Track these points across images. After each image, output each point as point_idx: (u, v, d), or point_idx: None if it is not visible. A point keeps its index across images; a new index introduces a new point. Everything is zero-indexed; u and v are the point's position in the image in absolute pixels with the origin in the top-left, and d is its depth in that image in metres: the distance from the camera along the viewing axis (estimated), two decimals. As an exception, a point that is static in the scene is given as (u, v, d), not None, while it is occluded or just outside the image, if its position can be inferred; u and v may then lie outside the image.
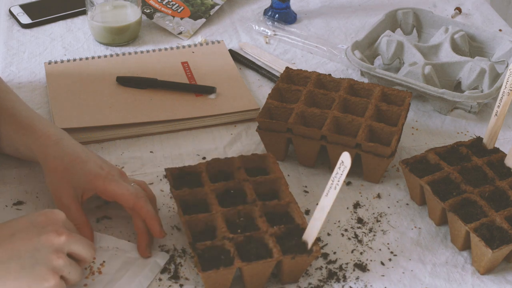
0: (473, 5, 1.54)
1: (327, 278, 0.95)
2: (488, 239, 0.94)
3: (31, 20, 1.43)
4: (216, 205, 0.96)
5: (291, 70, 1.19)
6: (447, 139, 1.18)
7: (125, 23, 1.36)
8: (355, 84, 1.16)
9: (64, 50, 1.37)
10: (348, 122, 1.10)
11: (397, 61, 1.32)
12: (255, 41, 1.41)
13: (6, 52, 1.36)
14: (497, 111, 1.05)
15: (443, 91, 1.19)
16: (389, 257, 0.99)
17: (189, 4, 1.46)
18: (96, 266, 0.94)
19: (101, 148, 1.15)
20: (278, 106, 1.12)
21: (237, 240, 0.92)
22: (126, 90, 1.25)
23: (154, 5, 1.44)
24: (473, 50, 1.34)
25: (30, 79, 1.29)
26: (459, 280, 0.96)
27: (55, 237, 0.87)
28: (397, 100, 1.15)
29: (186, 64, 1.31)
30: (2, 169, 1.09)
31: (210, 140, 1.17)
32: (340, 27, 1.46)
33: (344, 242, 1.00)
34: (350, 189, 1.09)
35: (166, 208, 1.04)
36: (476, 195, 0.99)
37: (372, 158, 1.06)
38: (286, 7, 1.46)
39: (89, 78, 1.28)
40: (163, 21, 1.42)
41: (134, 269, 0.94)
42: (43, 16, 1.44)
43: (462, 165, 1.04)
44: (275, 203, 0.97)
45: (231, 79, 1.28)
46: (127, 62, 1.31)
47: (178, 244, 0.99)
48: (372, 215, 1.05)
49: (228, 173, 1.03)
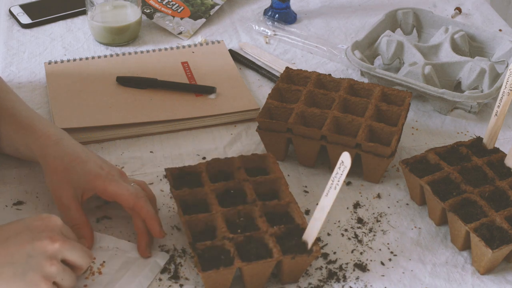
0: (473, 5, 1.54)
1: (327, 278, 0.95)
2: (488, 239, 0.94)
3: (31, 20, 1.43)
4: (216, 205, 0.96)
5: (291, 70, 1.19)
6: (447, 139, 1.18)
7: (125, 23, 1.36)
8: (355, 84, 1.16)
9: (64, 50, 1.37)
10: (348, 122, 1.10)
11: (397, 61, 1.32)
12: (255, 41, 1.41)
13: (6, 52, 1.36)
14: (497, 111, 1.05)
15: (443, 91, 1.19)
16: (389, 257, 0.99)
17: (189, 4, 1.46)
18: (96, 266, 0.94)
19: (101, 148, 1.15)
20: (278, 106, 1.12)
21: (237, 240, 0.92)
22: (126, 90, 1.25)
23: (154, 5, 1.44)
24: (473, 50, 1.34)
25: (30, 79, 1.29)
26: (459, 280, 0.96)
27: (49, 244, 0.87)
28: (397, 100, 1.15)
29: (186, 64, 1.31)
30: (2, 169, 1.09)
31: (210, 140, 1.17)
32: (340, 27, 1.46)
33: (344, 242, 1.00)
34: (350, 189, 1.09)
35: (166, 208, 1.04)
36: (476, 195, 0.99)
37: (372, 158, 1.06)
38: (286, 7, 1.46)
39: (89, 78, 1.28)
40: (163, 21, 1.42)
41: (134, 269, 0.94)
42: (43, 16, 1.44)
43: (462, 165, 1.04)
44: (275, 203, 0.97)
45: (231, 79, 1.28)
46: (127, 62, 1.31)
47: (178, 244, 0.99)
48: (372, 215, 1.05)
49: (228, 173, 1.03)
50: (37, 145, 1.01)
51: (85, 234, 0.96)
